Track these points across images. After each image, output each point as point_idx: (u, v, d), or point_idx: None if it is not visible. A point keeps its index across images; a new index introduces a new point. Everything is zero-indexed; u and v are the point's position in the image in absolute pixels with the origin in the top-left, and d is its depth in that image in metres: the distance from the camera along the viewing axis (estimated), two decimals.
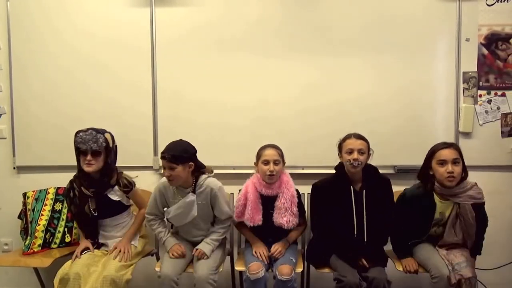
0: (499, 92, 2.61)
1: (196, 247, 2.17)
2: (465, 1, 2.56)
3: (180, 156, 2.06)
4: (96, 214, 2.16)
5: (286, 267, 2.04)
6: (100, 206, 2.16)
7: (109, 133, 2.16)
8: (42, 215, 2.52)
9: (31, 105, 2.72)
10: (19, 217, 2.60)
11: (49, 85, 2.71)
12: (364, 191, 2.14)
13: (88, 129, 2.08)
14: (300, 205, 2.25)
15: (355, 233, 2.12)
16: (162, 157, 2.08)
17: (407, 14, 2.58)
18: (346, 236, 2.11)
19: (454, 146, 2.11)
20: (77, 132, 2.09)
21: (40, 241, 2.47)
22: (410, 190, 2.19)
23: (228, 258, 2.49)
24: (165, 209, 2.22)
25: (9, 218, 2.70)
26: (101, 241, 2.23)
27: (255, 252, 2.15)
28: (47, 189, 2.57)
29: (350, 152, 2.09)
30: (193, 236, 2.26)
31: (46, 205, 2.53)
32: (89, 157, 2.06)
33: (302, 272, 2.38)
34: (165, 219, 2.27)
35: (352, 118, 2.57)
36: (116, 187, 2.18)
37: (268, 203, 2.21)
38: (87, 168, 2.08)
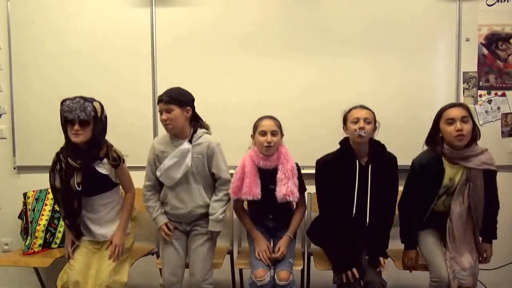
0: (499, 92, 2.61)
1: (209, 229, 2.07)
2: (465, 1, 2.56)
3: (177, 98, 1.99)
4: (80, 189, 1.98)
5: (284, 273, 2.02)
6: (87, 181, 2.00)
7: (98, 102, 2.01)
8: (43, 215, 2.52)
9: (31, 105, 2.72)
10: (19, 217, 2.60)
11: (49, 85, 2.71)
12: (370, 166, 2.04)
13: (76, 97, 1.93)
14: (300, 180, 2.16)
15: (354, 212, 2.02)
16: (159, 101, 2.00)
17: (407, 14, 2.58)
18: (344, 217, 2.02)
19: (463, 105, 2.02)
20: (64, 101, 1.94)
21: (40, 241, 2.47)
22: (418, 159, 2.09)
23: (228, 256, 2.50)
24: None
25: (10, 218, 2.71)
26: (90, 226, 2.07)
27: (258, 254, 2.11)
28: (47, 189, 2.57)
29: (356, 121, 2.00)
30: (186, 211, 2.08)
31: (46, 205, 2.54)
32: (76, 127, 1.91)
33: (302, 270, 2.38)
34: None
35: None
36: (105, 160, 2.03)
37: (266, 177, 2.12)
38: (74, 139, 1.93)
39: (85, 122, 1.92)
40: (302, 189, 2.17)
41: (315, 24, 2.61)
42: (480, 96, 2.60)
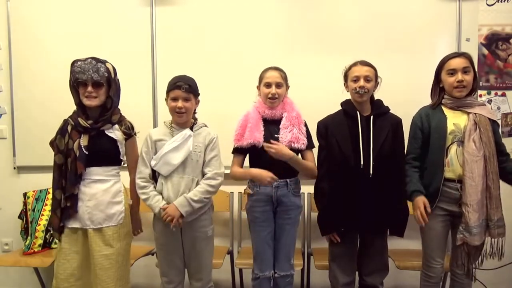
0: (499, 92, 2.61)
1: (175, 203, 1.86)
2: (465, 1, 2.56)
3: (196, 88, 1.94)
4: (86, 153, 1.81)
5: (285, 268, 2.05)
6: (93, 145, 1.83)
7: (110, 63, 1.90)
8: (43, 215, 2.52)
9: (31, 105, 2.72)
10: (19, 217, 2.60)
11: (49, 85, 2.70)
12: (372, 116, 1.97)
13: (87, 58, 1.82)
14: (308, 135, 2.06)
15: (362, 163, 1.91)
16: (176, 87, 1.88)
17: (407, 14, 2.58)
18: (351, 169, 1.93)
19: (466, 54, 1.96)
20: (75, 61, 1.81)
21: (40, 241, 2.48)
22: (418, 113, 2.05)
23: (228, 256, 2.50)
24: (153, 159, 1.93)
25: (10, 218, 2.71)
26: (79, 205, 1.82)
27: (268, 180, 1.95)
28: (47, 189, 2.57)
29: (356, 80, 1.95)
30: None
31: (46, 205, 2.54)
32: (89, 89, 1.79)
33: (302, 270, 2.39)
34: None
35: None
36: (117, 126, 1.90)
37: (272, 127, 2.04)
38: (87, 102, 1.81)
39: (98, 84, 1.82)
40: (310, 144, 2.07)
41: (315, 24, 2.61)
42: (480, 96, 2.60)
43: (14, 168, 2.79)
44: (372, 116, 1.97)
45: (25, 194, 2.59)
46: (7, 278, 2.83)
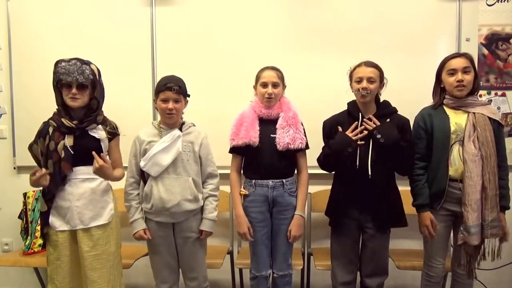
0: (499, 92, 2.61)
1: (201, 228, 1.97)
2: (465, 1, 2.56)
3: (185, 89, 1.95)
4: (72, 153, 1.80)
5: (282, 268, 2.06)
6: (78, 145, 1.82)
7: (95, 65, 1.87)
8: None
9: (31, 105, 2.71)
10: (19, 217, 2.60)
11: (49, 85, 2.66)
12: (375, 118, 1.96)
13: (71, 59, 1.79)
14: (304, 135, 2.05)
15: (357, 164, 1.92)
16: (167, 88, 1.89)
17: (407, 14, 2.58)
18: (348, 170, 1.95)
19: (466, 55, 1.98)
20: (59, 62, 1.79)
21: (40, 241, 2.47)
22: (420, 113, 2.05)
23: (228, 256, 2.50)
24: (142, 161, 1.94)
25: (10, 218, 2.71)
26: (66, 206, 1.81)
27: (239, 235, 2.06)
28: None
29: (359, 81, 1.95)
30: (175, 202, 1.91)
31: None
32: (74, 91, 1.77)
33: (302, 270, 2.39)
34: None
35: None
36: (101, 126, 1.89)
37: (268, 126, 2.03)
38: (71, 103, 1.79)
39: (83, 86, 1.80)
40: (305, 145, 2.06)
41: (315, 24, 2.61)
42: (480, 96, 2.59)
43: (14, 168, 2.79)
44: (375, 118, 1.97)
45: (25, 194, 2.59)
46: (7, 278, 2.83)
